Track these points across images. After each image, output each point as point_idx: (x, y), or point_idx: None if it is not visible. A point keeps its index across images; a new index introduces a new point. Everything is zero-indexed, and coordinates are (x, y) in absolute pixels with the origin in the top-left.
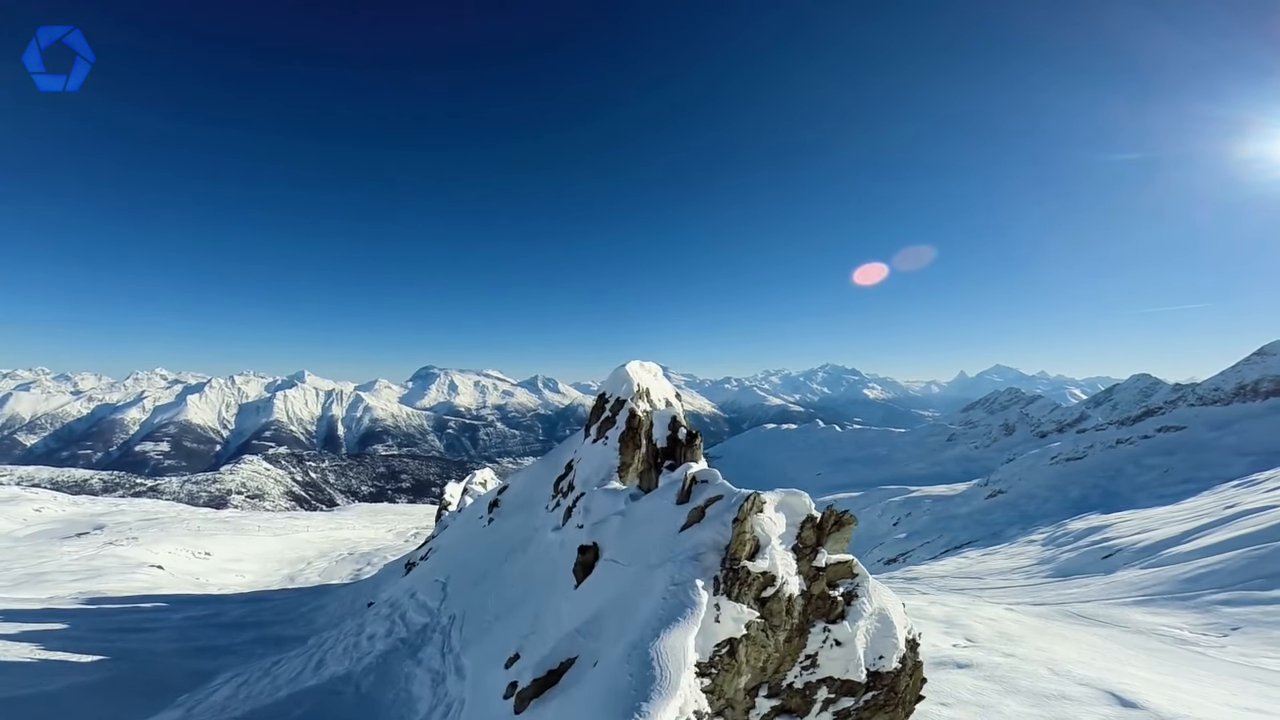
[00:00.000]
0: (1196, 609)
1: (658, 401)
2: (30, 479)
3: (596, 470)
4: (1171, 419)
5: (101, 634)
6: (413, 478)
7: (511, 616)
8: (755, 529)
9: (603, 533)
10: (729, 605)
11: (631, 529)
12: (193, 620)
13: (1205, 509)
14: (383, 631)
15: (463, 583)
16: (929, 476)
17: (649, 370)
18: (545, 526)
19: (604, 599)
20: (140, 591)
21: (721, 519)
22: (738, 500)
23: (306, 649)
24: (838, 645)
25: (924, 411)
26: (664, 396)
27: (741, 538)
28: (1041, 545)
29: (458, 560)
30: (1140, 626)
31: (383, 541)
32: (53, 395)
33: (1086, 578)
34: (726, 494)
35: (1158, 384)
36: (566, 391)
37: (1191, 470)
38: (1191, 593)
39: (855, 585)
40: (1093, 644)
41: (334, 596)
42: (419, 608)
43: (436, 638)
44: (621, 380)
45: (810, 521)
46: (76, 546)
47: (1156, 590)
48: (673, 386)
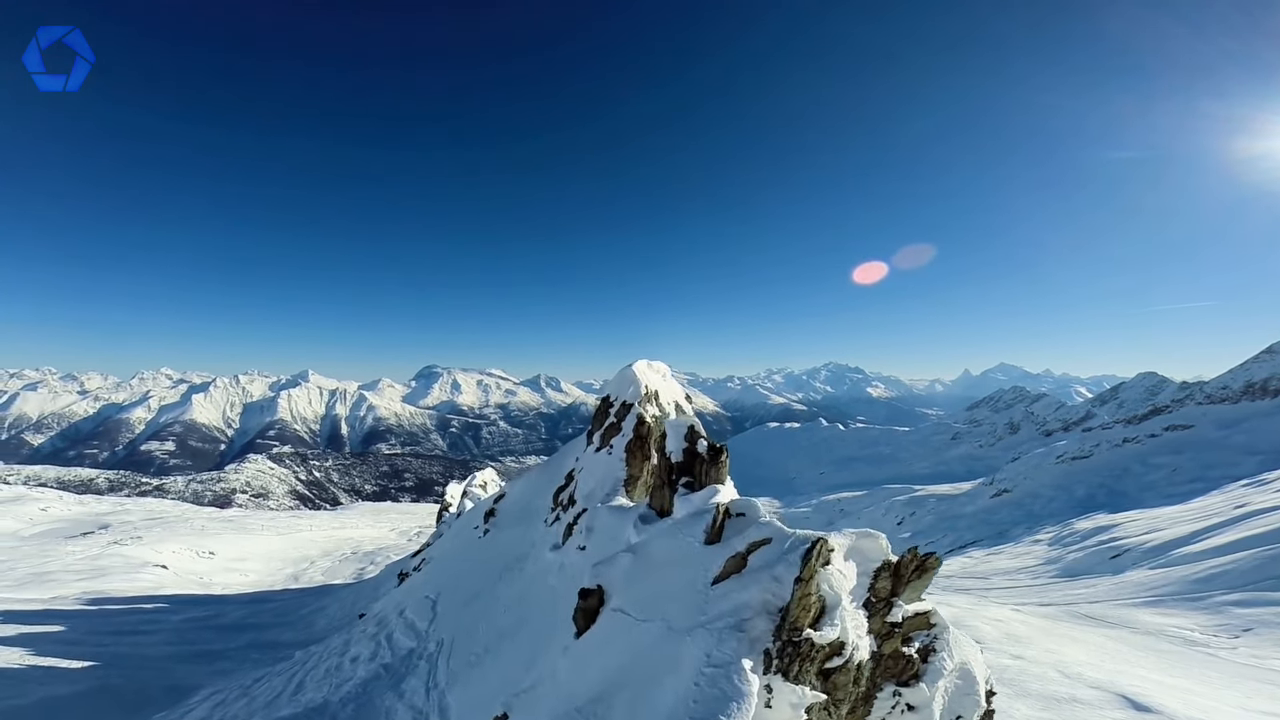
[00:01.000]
0: (1207, 610)
1: (667, 405)
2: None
3: (600, 483)
4: (1179, 418)
5: (98, 637)
6: (416, 477)
7: (503, 650)
8: (822, 587)
9: (609, 573)
10: (784, 688)
11: (646, 572)
12: (192, 622)
13: (1215, 508)
14: (367, 654)
15: (454, 602)
16: (933, 475)
17: (657, 370)
18: (543, 543)
19: (612, 666)
20: (144, 591)
21: (772, 572)
22: (796, 548)
23: (290, 666)
24: (910, 710)
25: (928, 410)
26: (674, 400)
27: (805, 601)
28: (1048, 545)
29: (450, 575)
30: (1150, 628)
31: (386, 541)
32: (59, 395)
33: (1094, 578)
34: (777, 537)
35: (1164, 382)
36: (569, 390)
37: (1200, 469)
38: (1202, 593)
39: (933, 638)
40: (1102, 645)
41: (335, 598)
42: (406, 628)
43: (422, 667)
44: (628, 382)
45: (887, 568)
46: (81, 546)
47: (1166, 591)
48: (682, 388)
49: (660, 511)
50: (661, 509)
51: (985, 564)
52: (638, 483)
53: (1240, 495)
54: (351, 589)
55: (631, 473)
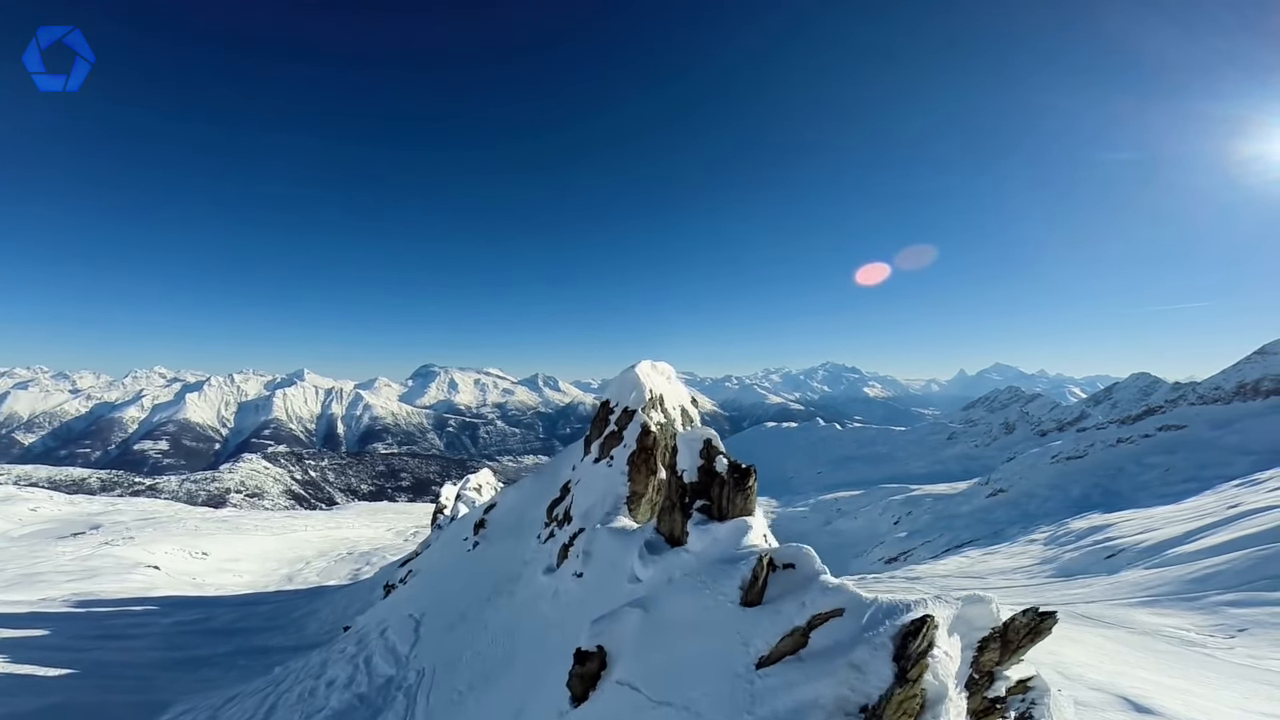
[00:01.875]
0: (1202, 610)
1: (672, 410)
2: (28, 478)
3: (600, 500)
4: (1172, 418)
5: (81, 641)
6: (413, 476)
7: (489, 692)
8: (926, 678)
9: (613, 633)
10: None
11: (662, 636)
12: (180, 626)
13: (1208, 508)
14: (344, 679)
15: (438, 624)
16: (930, 475)
17: (661, 372)
18: (536, 563)
19: None
20: (134, 594)
21: (850, 658)
22: (885, 625)
23: (265, 685)
24: None
25: (924, 410)
26: (679, 404)
27: (907, 705)
28: (1043, 545)
29: (436, 592)
30: (1146, 627)
31: (382, 541)
32: (51, 394)
33: (1090, 578)
34: (852, 607)
35: (1157, 383)
36: (567, 389)
37: (1193, 469)
38: (1197, 593)
39: (1030, 704)
40: (1100, 646)
41: (327, 600)
42: (387, 651)
43: (399, 701)
44: (630, 385)
45: (996, 638)
46: (72, 546)
47: (1161, 591)
48: (688, 391)
49: (671, 539)
50: (672, 535)
51: (981, 564)
52: (642, 500)
53: (1234, 495)
54: (345, 591)
55: (635, 489)
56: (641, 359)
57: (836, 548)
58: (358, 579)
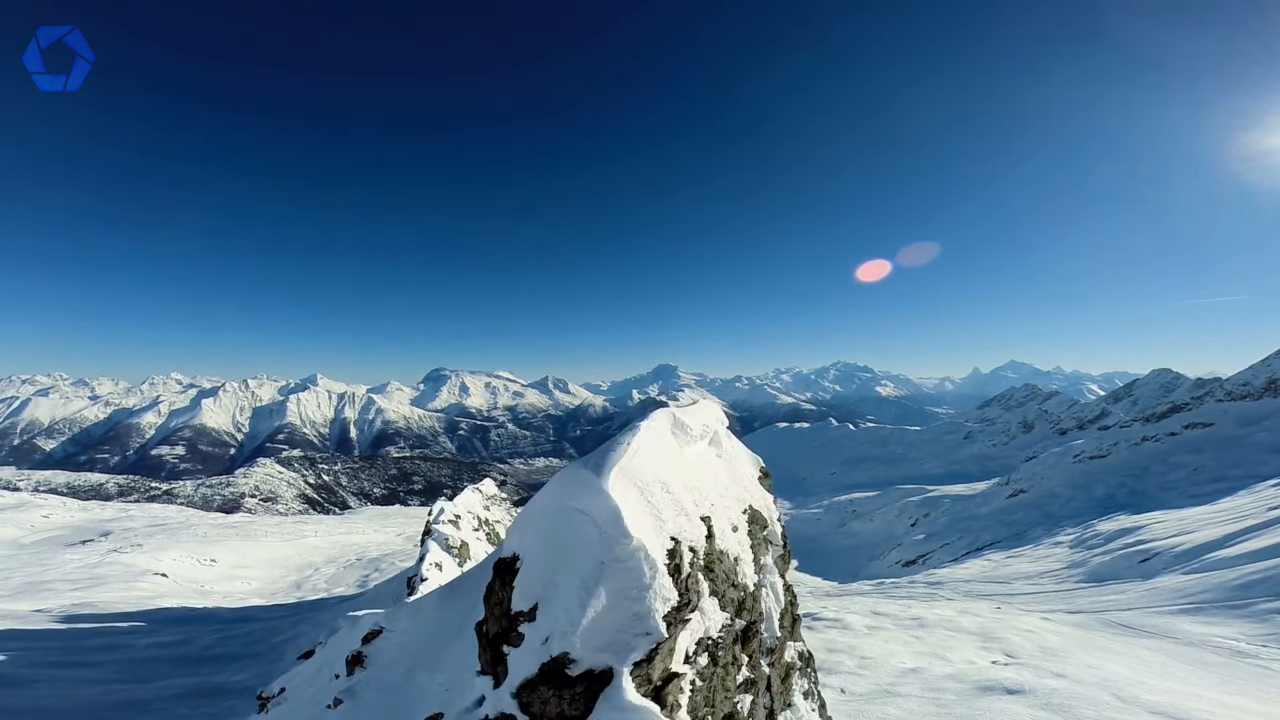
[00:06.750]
0: (1252, 618)
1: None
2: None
3: None
4: (1199, 415)
5: (36, 669)
6: (425, 479)
7: None
8: None
9: None
10: None
11: None
12: (154, 649)
13: (1246, 510)
14: None
15: None
16: (946, 475)
17: (700, 414)
18: None
19: None
20: (133, 604)
21: None
22: None
23: None
24: None
25: (938, 409)
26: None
27: None
28: (1070, 547)
29: None
30: (1192, 638)
31: (391, 546)
32: (71, 400)
33: (1123, 583)
34: None
35: (1179, 379)
36: (576, 392)
37: (1223, 468)
38: (1244, 600)
39: None
40: (1144, 659)
41: (315, 621)
42: None
43: None
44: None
45: None
46: (80, 554)
47: (1204, 598)
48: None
49: None
50: None
51: (1005, 567)
52: None
53: (1271, 496)
54: (345, 604)
55: None
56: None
57: (852, 550)
58: (365, 586)
